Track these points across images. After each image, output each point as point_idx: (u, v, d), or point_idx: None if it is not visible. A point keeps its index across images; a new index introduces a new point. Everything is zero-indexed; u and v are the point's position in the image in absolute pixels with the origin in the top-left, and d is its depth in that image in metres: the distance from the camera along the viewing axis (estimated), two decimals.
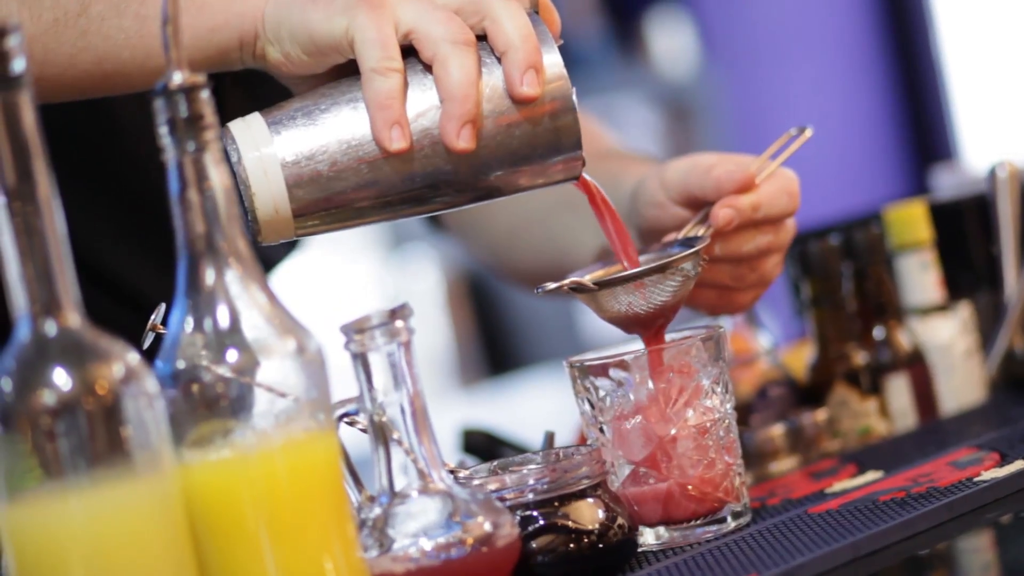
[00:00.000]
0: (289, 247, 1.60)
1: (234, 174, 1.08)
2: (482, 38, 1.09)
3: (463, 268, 3.85)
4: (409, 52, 1.09)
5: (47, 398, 0.83)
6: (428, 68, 1.08)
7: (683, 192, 1.23)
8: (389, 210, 1.11)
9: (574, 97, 1.10)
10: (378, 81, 1.07)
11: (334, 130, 1.09)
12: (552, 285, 1.16)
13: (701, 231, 1.20)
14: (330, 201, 1.09)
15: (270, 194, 1.08)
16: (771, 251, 1.24)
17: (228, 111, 1.11)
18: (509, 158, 1.10)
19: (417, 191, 1.10)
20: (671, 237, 1.22)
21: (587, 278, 1.16)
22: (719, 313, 1.31)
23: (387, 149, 1.08)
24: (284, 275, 1.63)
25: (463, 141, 1.07)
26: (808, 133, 1.25)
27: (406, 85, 1.08)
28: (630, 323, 1.17)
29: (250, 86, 1.26)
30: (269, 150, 1.08)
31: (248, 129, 1.09)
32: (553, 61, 1.10)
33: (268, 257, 1.55)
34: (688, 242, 1.19)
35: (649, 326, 1.17)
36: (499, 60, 1.09)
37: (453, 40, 1.07)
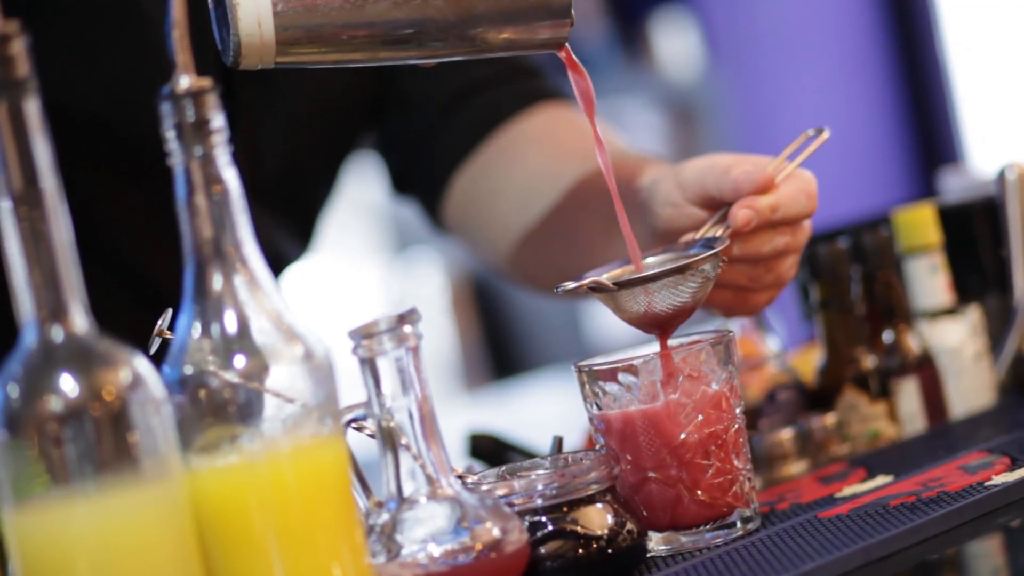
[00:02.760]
0: (302, 247, 1.59)
1: None
2: None
3: (468, 271, 3.85)
4: None
5: (54, 404, 0.83)
6: None
7: (700, 192, 1.23)
8: (372, 48, 1.12)
9: None
10: None
11: None
12: (571, 284, 1.15)
13: (719, 232, 1.20)
14: (315, 27, 1.09)
15: (255, 8, 1.08)
16: (788, 252, 1.24)
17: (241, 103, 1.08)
18: (497, 6, 1.12)
19: (403, 29, 1.11)
20: (689, 237, 1.21)
21: (605, 277, 1.16)
22: (734, 314, 1.30)
23: None
24: (290, 278, 1.62)
25: None
26: (825, 135, 1.24)
27: None
28: (648, 323, 1.16)
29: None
30: None
31: None
32: None
33: (279, 259, 1.55)
34: (709, 243, 1.18)
35: (667, 326, 1.17)
36: None
37: None
